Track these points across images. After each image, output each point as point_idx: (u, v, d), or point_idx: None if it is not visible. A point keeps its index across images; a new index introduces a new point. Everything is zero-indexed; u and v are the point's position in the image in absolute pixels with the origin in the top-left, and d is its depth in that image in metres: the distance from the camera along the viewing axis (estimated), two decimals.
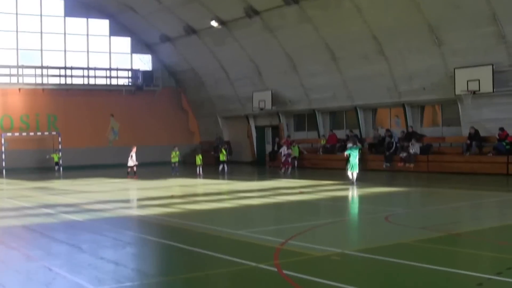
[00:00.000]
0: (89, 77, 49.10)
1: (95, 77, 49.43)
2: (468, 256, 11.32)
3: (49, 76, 47.35)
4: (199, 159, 36.15)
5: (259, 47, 42.04)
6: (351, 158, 26.22)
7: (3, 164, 43.58)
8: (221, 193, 25.47)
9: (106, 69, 49.92)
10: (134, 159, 34.16)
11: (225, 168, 37.23)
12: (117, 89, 49.76)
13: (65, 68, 47.89)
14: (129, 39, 50.74)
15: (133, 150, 34.46)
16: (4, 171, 42.77)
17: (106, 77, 50.02)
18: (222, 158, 37.49)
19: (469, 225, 15.42)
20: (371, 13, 34.05)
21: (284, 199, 22.40)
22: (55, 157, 44.76)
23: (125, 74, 50.84)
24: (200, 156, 36.50)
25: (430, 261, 10.39)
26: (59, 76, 47.75)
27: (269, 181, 31.27)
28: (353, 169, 26.20)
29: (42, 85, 46.76)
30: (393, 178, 31.21)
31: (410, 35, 33.22)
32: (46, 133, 46.15)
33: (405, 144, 34.92)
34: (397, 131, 36.98)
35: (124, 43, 50.87)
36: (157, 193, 25.13)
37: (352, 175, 26.20)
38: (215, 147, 45.20)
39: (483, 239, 12.96)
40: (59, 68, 47.75)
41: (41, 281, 9.55)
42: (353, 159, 26.19)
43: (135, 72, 50.56)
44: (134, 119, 49.86)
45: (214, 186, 28.94)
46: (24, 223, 16.32)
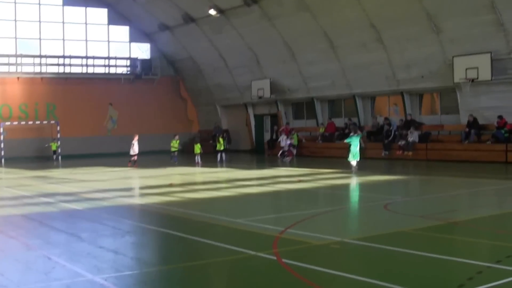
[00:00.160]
0: (87, 66, 49.02)
1: (93, 66, 49.36)
2: (467, 244, 11.33)
3: (47, 65, 47.25)
4: (197, 148, 36.05)
5: (258, 35, 41.97)
6: (352, 147, 26.18)
7: (2, 153, 43.54)
8: (220, 182, 25.48)
9: (104, 58, 49.80)
10: (135, 148, 33.97)
11: (222, 157, 37.01)
12: (115, 78, 49.69)
13: (64, 57, 47.77)
14: (128, 28, 50.60)
15: (135, 138, 34.28)
16: (3, 160, 42.77)
17: (104, 66, 49.93)
18: (219, 147, 37.19)
19: (468, 213, 15.44)
20: (370, 1, 33.96)
21: (283, 187, 22.42)
22: (53, 146, 44.73)
23: (124, 63, 50.78)
24: (198, 145, 36.39)
25: (429, 249, 10.41)
26: (58, 65, 47.66)
27: (268, 169, 31.31)
28: (354, 157, 26.18)
29: (40, 74, 46.67)
30: (392, 166, 31.24)
31: (408, 23, 33.16)
32: (45, 122, 46.06)
33: (404, 132, 34.93)
34: (396, 119, 36.98)
35: (122, 32, 50.73)
36: (156, 182, 25.15)
37: (354, 164, 26.16)
38: (213, 136, 45.15)
39: (482, 227, 12.97)
40: (58, 57, 47.62)
41: (40, 270, 9.55)
42: (354, 148, 26.15)
43: (133, 60, 50.49)
44: (132, 108, 49.77)
45: (213, 174, 28.94)
46: (23, 212, 16.32)
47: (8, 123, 44.39)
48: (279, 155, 38.04)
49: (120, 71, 50.37)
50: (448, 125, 34.73)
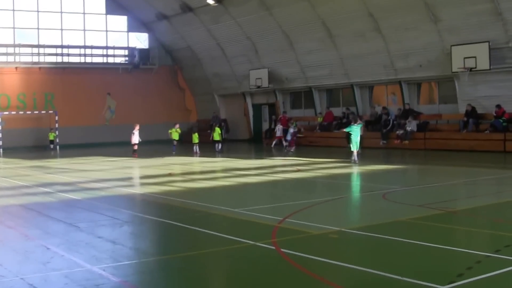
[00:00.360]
0: (85, 55, 48.95)
1: (91, 56, 49.29)
2: (465, 233, 11.35)
3: (45, 54, 47.19)
4: (195, 138, 35.92)
5: (256, 24, 41.89)
6: (352, 136, 26.03)
7: (0, 143, 43.53)
8: (218, 171, 25.47)
9: (102, 48, 49.68)
10: (135, 138, 33.85)
11: (218, 147, 36.59)
12: (113, 68, 49.61)
13: (62, 46, 47.68)
14: (126, 17, 50.48)
15: (136, 128, 34.15)
16: (1, 150, 42.77)
17: (102, 56, 49.82)
18: (216, 137, 36.82)
19: (466, 202, 15.46)
20: None
21: (281, 177, 22.41)
22: (51, 135, 44.70)
23: (122, 52, 50.68)
24: (196, 134, 36.27)
25: (427, 239, 10.42)
26: (56, 54, 47.58)
27: (266, 159, 31.30)
28: (355, 147, 26.02)
29: (38, 63, 46.58)
30: (390, 155, 31.25)
31: (406, 12, 33.10)
32: (43, 112, 46.06)
33: (402, 121, 34.91)
34: (394, 109, 36.95)
35: (120, 21, 50.63)
36: (154, 172, 25.12)
37: (355, 153, 25.98)
38: (210, 126, 45.03)
39: (480, 216, 12.98)
40: (56, 46, 47.55)
41: (38, 260, 9.54)
42: (355, 137, 26.02)
43: (131, 50, 50.40)
44: (130, 98, 49.71)
45: (211, 164, 28.91)
46: (21, 202, 16.32)
47: (6, 113, 44.37)
48: (273, 145, 38.07)
49: (118, 60, 50.31)
50: (446, 114, 34.71)
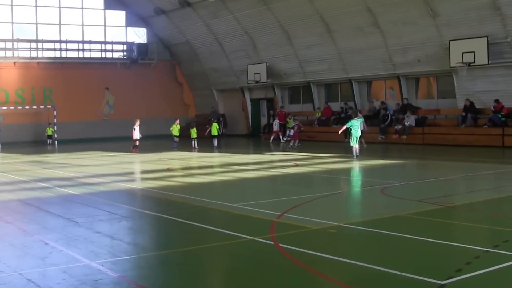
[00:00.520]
0: (84, 50, 48.91)
1: (90, 51, 49.25)
2: (464, 228, 11.34)
3: (44, 49, 47.13)
4: (194, 132, 35.93)
5: (254, 19, 41.84)
6: (352, 131, 25.93)
7: None
8: (216, 166, 25.49)
9: (101, 43, 49.65)
10: (137, 133, 33.76)
11: (215, 142, 36.54)
12: (112, 63, 49.58)
13: (60, 41, 47.62)
14: (124, 12, 50.41)
15: (137, 123, 34.09)
16: None
17: (101, 51, 49.80)
18: (214, 132, 36.74)
19: (465, 197, 15.46)
20: None
21: (279, 171, 22.42)
22: (49, 130, 44.69)
23: (120, 47, 50.62)
24: (194, 129, 36.27)
25: (426, 234, 10.41)
26: (54, 49, 47.52)
27: (264, 154, 31.29)
28: (355, 142, 25.88)
29: (37, 58, 46.53)
30: (388, 150, 31.25)
31: (404, 7, 33.08)
32: (41, 107, 46.03)
33: (400, 116, 34.91)
34: (392, 104, 36.95)
35: (119, 16, 50.56)
36: (152, 167, 25.11)
37: (355, 148, 25.85)
38: (208, 121, 44.98)
39: (479, 211, 13.00)
40: (54, 41, 47.48)
41: (37, 255, 9.54)
42: (355, 132, 25.90)
43: (130, 45, 50.36)
44: (129, 92, 49.70)
45: (209, 159, 28.93)
46: (20, 197, 16.32)
47: (4, 108, 44.34)
48: (271, 140, 38.19)
49: (116, 55, 50.30)
50: (444, 109, 34.71)
